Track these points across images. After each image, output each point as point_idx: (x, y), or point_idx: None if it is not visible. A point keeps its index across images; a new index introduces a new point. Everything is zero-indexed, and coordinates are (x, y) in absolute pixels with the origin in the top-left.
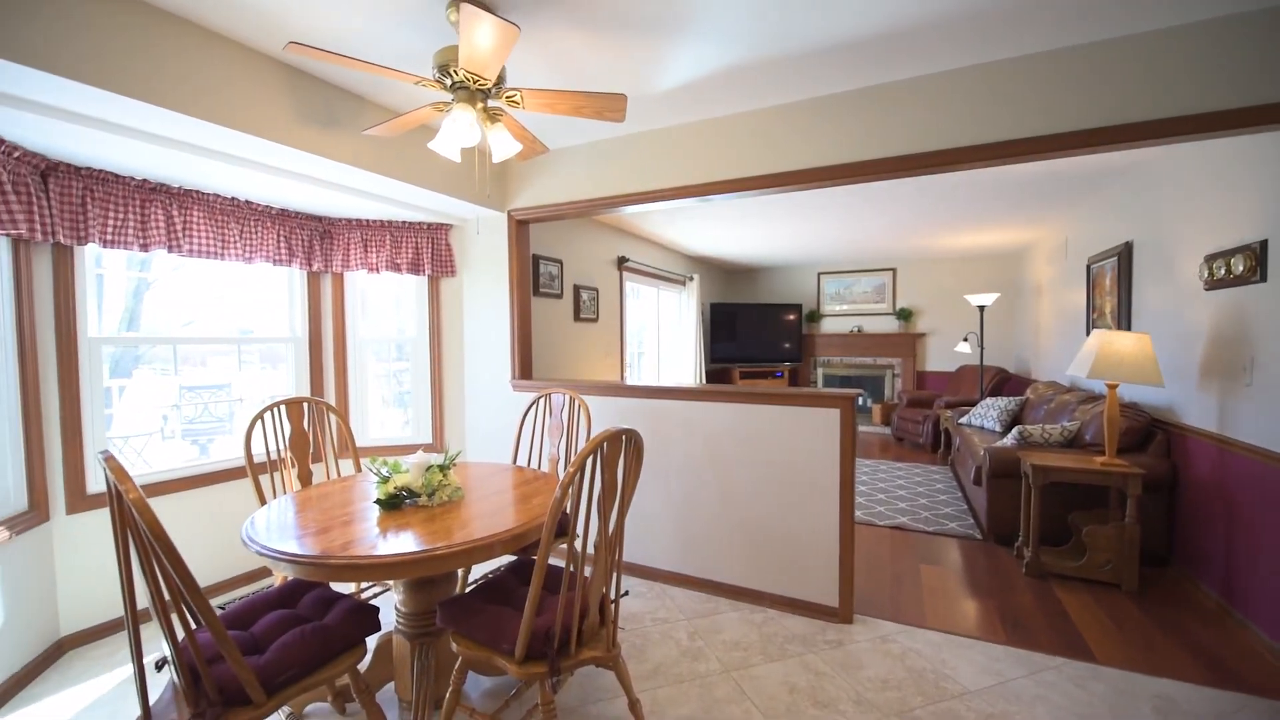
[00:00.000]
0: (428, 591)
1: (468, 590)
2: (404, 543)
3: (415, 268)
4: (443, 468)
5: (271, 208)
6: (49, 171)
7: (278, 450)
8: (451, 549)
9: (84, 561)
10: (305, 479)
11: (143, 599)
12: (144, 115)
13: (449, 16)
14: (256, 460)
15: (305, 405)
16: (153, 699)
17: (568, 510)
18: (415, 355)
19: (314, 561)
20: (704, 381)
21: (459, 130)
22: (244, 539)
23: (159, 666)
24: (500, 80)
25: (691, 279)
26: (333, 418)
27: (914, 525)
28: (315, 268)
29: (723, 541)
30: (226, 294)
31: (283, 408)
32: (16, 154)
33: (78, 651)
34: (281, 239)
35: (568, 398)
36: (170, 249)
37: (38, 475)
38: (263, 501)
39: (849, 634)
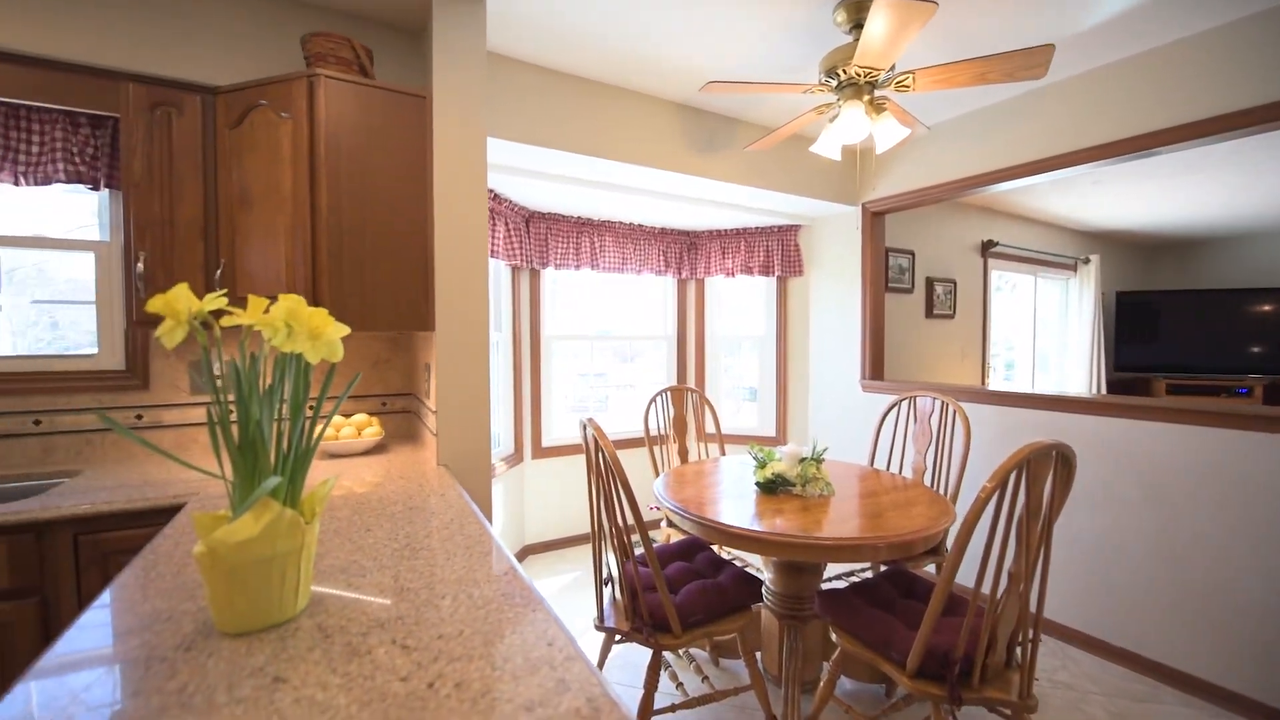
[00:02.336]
0: (796, 577)
1: (828, 587)
2: (787, 525)
3: (766, 269)
4: (816, 460)
5: (654, 228)
6: (529, 219)
7: (661, 428)
8: (840, 542)
9: (541, 493)
10: (683, 455)
11: (563, 528)
12: (586, 166)
13: (835, 19)
14: (623, 436)
15: (685, 393)
16: (587, 609)
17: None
18: (763, 352)
19: (717, 527)
20: (1103, 392)
21: (847, 128)
22: (657, 496)
23: (605, 583)
24: (890, 68)
25: (1087, 261)
26: (702, 405)
27: None
28: (683, 275)
29: (1164, 609)
30: (608, 300)
31: (668, 394)
32: (515, 208)
33: (534, 557)
34: (660, 253)
35: (939, 402)
36: (593, 267)
37: (518, 430)
38: (656, 470)
39: None
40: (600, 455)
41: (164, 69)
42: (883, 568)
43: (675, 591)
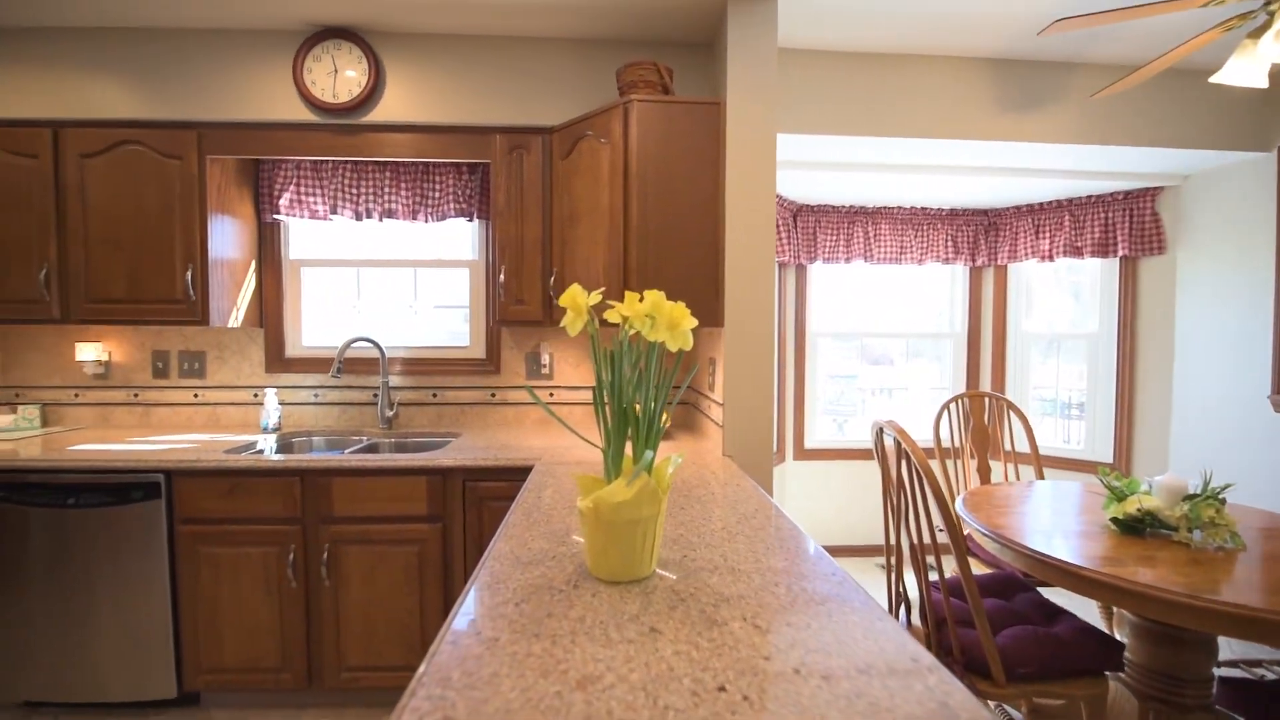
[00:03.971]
0: (1174, 650)
1: (1224, 674)
2: (1164, 578)
3: (1102, 249)
4: (1215, 500)
5: (942, 210)
6: (797, 213)
7: (955, 440)
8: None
9: (802, 496)
10: (984, 474)
11: (823, 536)
12: (868, 149)
13: None
14: (881, 451)
15: (988, 401)
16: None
17: None
18: (1094, 354)
19: (1061, 566)
20: None
21: None
22: (962, 516)
23: (898, 604)
24: None
25: None
26: (1004, 416)
27: None
28: (978, 262)
29: None
30: (872, 296)
31: (966, 400)
32: (784, 203)
33: None
34: (949, 238)
35: None
36: (865, 259)
37: (780, 430)
38: (950, 488)
39: None
40: (906, 463)
41: (517, 119)
42: None
43: (994, 632)
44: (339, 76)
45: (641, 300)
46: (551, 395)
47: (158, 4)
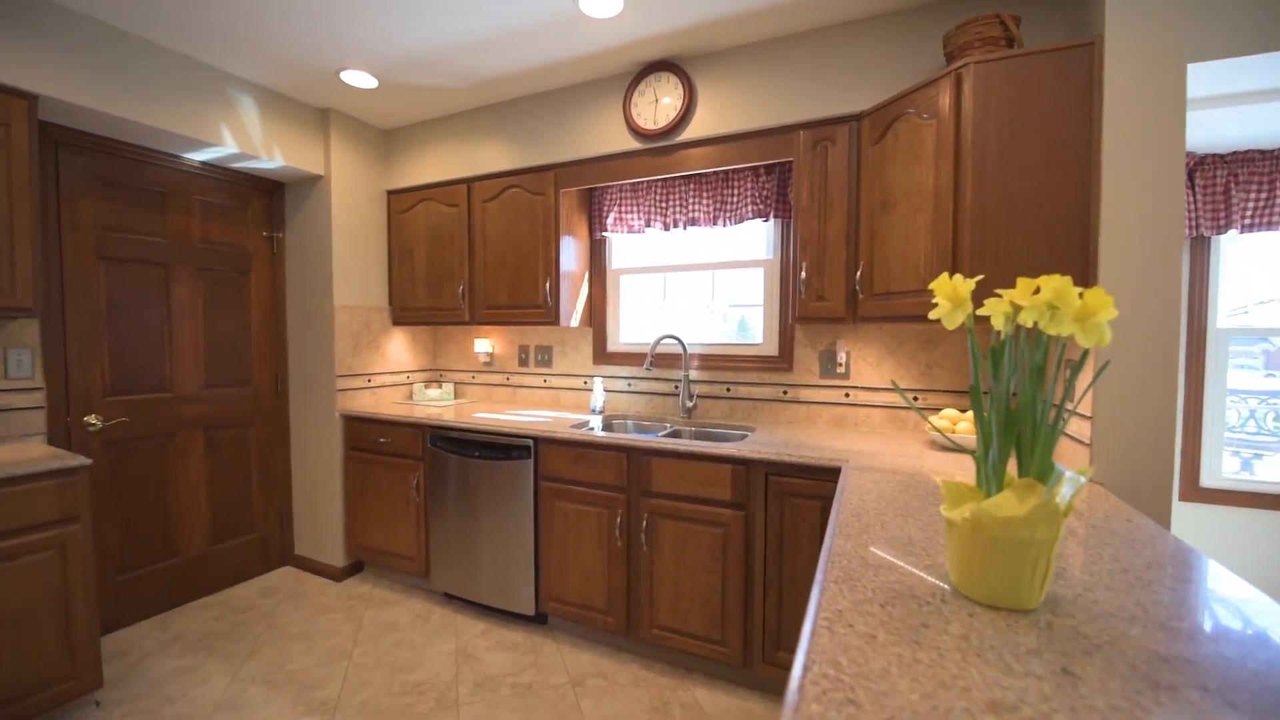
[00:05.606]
0: None
1: None
2: None
3: None
4: None
5: None
6: (1195, 167)
7: None
8: None
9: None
10: None
11: None
12: None
13: None
14: None
15: None
16: None
17: None
18: None
19: None
20: None
21: None
22: None
23: None
24: None
25: None
26: None
27: None
28: None
29: None
30: None
31: None
32: None
33: None
34: None
35: None
36: None
37: None
38: None
39: None
40: None
41: (820, 111)
42: None
43: None
44: (658, 105)
45: (1037, 291)
46: (847, 396)
47: (525, 79)
